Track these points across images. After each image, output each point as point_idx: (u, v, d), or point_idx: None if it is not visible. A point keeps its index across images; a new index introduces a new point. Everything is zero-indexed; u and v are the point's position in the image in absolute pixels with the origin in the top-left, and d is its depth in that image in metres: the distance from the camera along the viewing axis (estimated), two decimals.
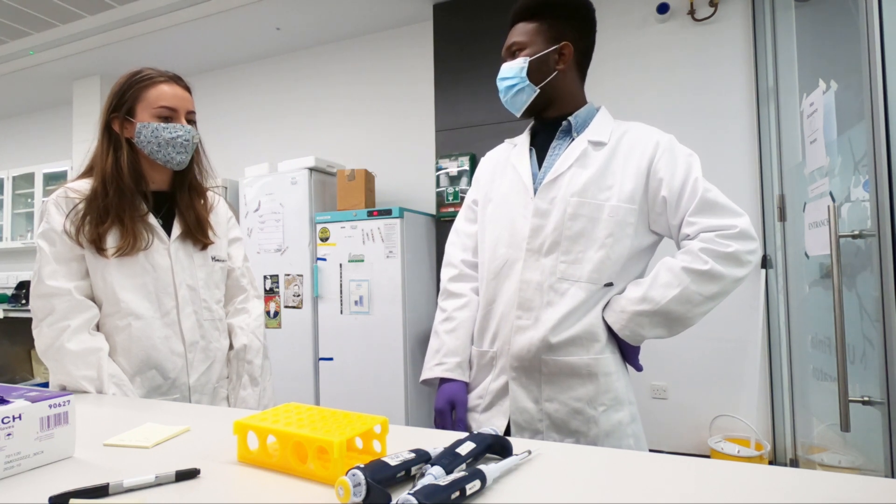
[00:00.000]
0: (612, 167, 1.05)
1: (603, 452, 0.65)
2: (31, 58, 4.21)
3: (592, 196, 1.04)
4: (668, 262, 1.01)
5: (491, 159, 1.26)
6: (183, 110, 1.18)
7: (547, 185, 1.07)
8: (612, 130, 1.10)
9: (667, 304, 0.98)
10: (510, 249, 1.09)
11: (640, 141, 1.07)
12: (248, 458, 0.62)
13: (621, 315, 1.02)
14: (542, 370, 1.04)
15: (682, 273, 0.98)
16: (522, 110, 1.13)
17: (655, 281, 1.01)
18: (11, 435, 0.58)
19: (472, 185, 1.29)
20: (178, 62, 4.26)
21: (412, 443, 0.61)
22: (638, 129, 1.10)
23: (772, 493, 0.51)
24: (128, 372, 1.12)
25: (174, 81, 1.21)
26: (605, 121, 1.12)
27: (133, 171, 1.15)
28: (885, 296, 1.22)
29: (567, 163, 1.07)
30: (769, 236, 2.69)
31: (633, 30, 3.01)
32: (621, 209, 1.03)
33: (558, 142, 1.13)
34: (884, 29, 1.24)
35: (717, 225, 0.99)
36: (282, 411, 0.66)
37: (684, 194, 1.02)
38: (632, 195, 1.04)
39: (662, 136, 1.08)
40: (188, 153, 1.18)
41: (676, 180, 1.03)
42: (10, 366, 4.43)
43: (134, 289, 1.14)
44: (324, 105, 3.96)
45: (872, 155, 1.25)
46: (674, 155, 1.05)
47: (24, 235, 5.03)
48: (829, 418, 1.96)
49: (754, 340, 2.68)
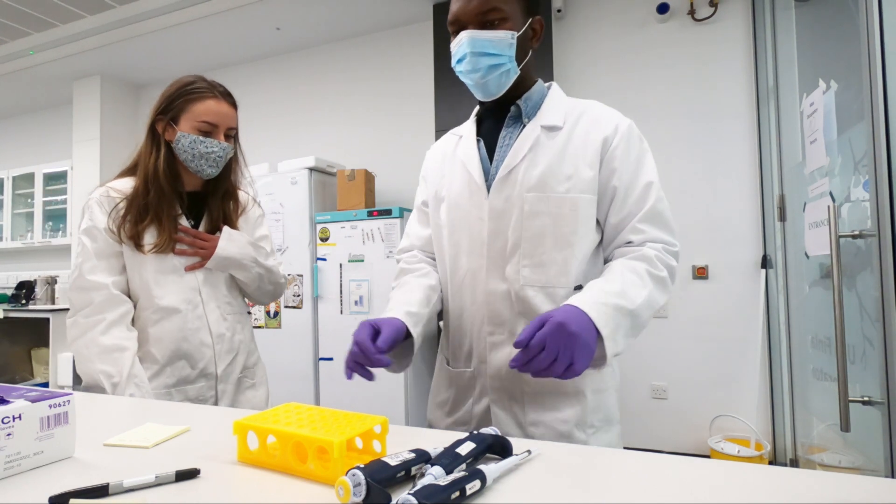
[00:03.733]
0: (570, 153, 0.94)
1: (603, 452, 0.65)
2: (31, 58, 4.21)
3: (551, 189, 0.92)
4: (628, 263, 0.90)
5: (437, 153, 1.12)
6: (223, 127, 1.23)
7: (500, 182, 0.95)
8: (567, 112, 0.97)
9: (640, 307, 0.85)
10: (471, 258, 0.97)
11: (598, 122, 0.96)
12: (248, 459, 0.62)
13: (602, 308, 0.81)
14: (524, 389, 0.93)
15: (647, 276, 0.88)
16: (499, 95, 0.97)
17: (626, 279, 0.87)
18: (11, 435, 0.58)
19: (420, 183, 1.15)
20: (179, 62, 4.26)
21: (412, 443, 0.61)
22: (595, 109, 0.99)
23: (772, 493, 0.51)
24: (159, 362, 1.20)
25: (222, 98, 1.24)
26: (558, 101, 0.99)
27: (170, 173, 1.22)
28: (885, 296, 1.22)
29: (520, 154, 0.94)
30: (769, 236, 2.69)
31: (633, 29, 3.01)
32: (583, 200, 0.93)
33: (508, 130, 0.99)
34: (884, 29, 1.24)
35: (665, 239, 0.93)
36: (282, 411, 0.66)
37: (634, 193, 0.93)
38: (591, 184, 0.93)
39: (622, 121, 0.97)
40: (218, 167, 1.24)
41: (628, 174, 0.94)
42: (10, 366, 4.43)
43: (167, 284, 1.21)
44: (324, 105, 3.96)
45: (872, 155, 1.25)
46: (630, 145, 0.95)
47: (24, 235, 5.03)
48: (829, 418, 1.96)
49: (754, 340, 2.68)
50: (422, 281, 1.05)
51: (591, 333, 0.78)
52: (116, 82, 4.59)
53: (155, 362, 1.19)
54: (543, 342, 0.75)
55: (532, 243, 0.93)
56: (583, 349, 0.76)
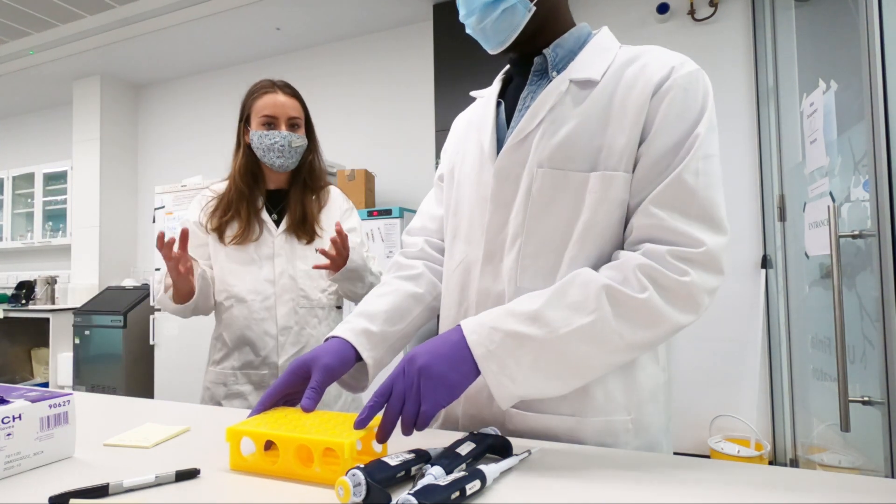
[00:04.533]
0: (605, 115, 0.69)
1: (603, 452, 0.65)
2: (31, 58, 4.21)
3: (571, 163, 0.69)
4: (586, 274, 0.65)
5: (462, 121, 0.93)
6: (283, 117, 1.30)
7: (509, 153, 0.74)
8: (611, 62, 0.73)
9: (567, 337, 0.61)
10: (469, 247, 0.79)
11: (647, 69, 0.69)
12: (241, 466, 0.59)
13: (490, 334, 0.63)
14: (506, 428, 0.73)
15: (602, 294, 0.62)
16: (509, 43, 0.75)
17: (560, 296, 0.64)
18: (11, 435, 0.58)
19: (441, 157, 0.96)
20: (179, 62, 4.26)
21: (412, 443, 0.61)
22: (650, 55, 0.72)
23: (772, 493, 0.51)
24: (227, 346, 1.32)
25: (279, 90, 1.32)
26: (600, 49, 0.75)
27: (247, 172, 1.33)
28: (885, 296, 1.22)
29: (537, 116, 0.72)
30: (769, 236, 2.69)
31: (633, 30, 3.01)
32: (613, 180, 0.68)
33: (531, 87, 0.78)
34: (884, 29, 1.23)
35: (686, 233, 0.63)
36: (272, 416, 0.65)
37: (667, 161, 0.66)
38: (626, 155, 0.68)
39: (683, 65, 0.69)
40: (287, 157, 1.31)
41: (668, 138, 0.66)
42: (10, 366, 4.44)
43: (240, 274, 1.32)
44: (324, 105, 3.96)
45: (872, 155, 1.25)
46: (686, 97, 0.67)
47: (24, 235, 5.03)
48: (829, 418, 1.96)
49: (754, 340, 2.68)
50: (404, 286, 0.88)
51: (460, 364, 0.62)
52: (116, 82, 4.59)
53: (224, 345, 1.32)
54: (391, 384, 0.61)
55: (537, 236, 0.71)
56: (434, 386, 0.60)
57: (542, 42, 0.77)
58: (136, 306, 3.73)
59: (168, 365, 3.50)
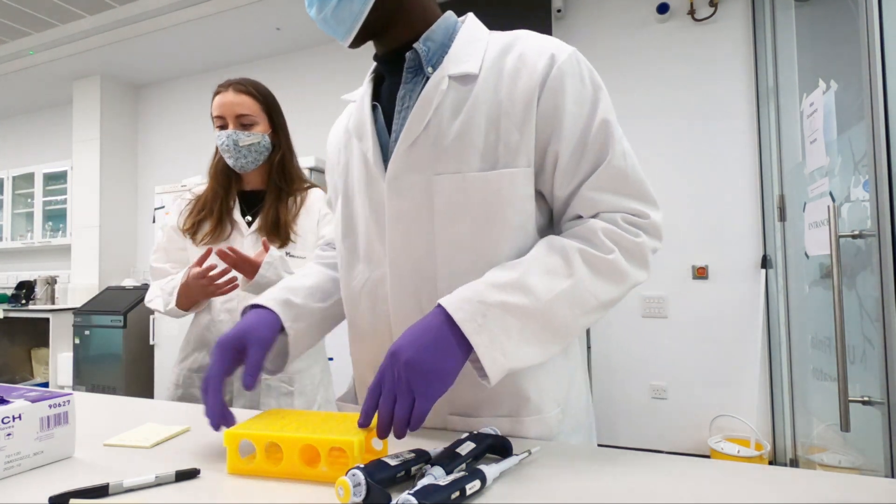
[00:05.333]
0: (494, 112, 0.68)
1: (603, 452, 0.65)
2: (31, 58, 4.22)
3: (465, 165, 0.67)
4: (554, 242, 0.66)
5: (338, 130, 0.86)
6: (230, 116, 1.27)
7: (398, 162, 0.70)
8: (485, 51, 0.71)
9: (552, 303, 0.62)
10: (370, 266, 0.75)
11: (526, 59, 0.68)
12: (240, 470, 0.59)
13: (477, 308, 0.60)
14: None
15: (578, 259, 0.64)
16: (355, 31, 0.70)
17: (537, 263, 0.64)
18: (11, 435, 0.58)
19: (327, 177, 0.89)
20: (179, 62, 4.26)
21: (412, 443, 0.61)
22: (523, 42, 0.71)
23: (772, 493, 0.51)
24: (188, 347, 1.32)
25: (230, 87, 1.29)
26: (471, 39, 0.73)
27: (220, 173, 1.34)
28: (885, 296, 1.22)
29: (422, 119, 0.69)
30: (769, 236, 2.69)
31: (633, 29, 3.01)
32: (515, 176, 0.67)
33: (407, 87, 0.73)
34: (884, 29, 1.24)
35: (629, 207, 0.67)
36: (270, 417, 0.64)
37: (585, 152, 0.67)
38: (524, 150, 0.67)
39: (560, 51, 0.68)
40: (237, 157, 1.28)
41: (575, 128, 0.67)
42: (10, 366, 4.44)
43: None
44: (324, 105, 3.96)
45: (872, 155, 1.25)
46: (577, 84, 0.68)
47: (25, 235, 5.03)
48: (829, 418, 1.96)
49: (754, 340, 2.68)
50: (326, 271, 0.87)
51: (447, 348, 0.59)
52: (116, 82, 4.59)
53: (187, 345, 1.32)
54: (379, 382, 0.58)
55: (450, 246, 0.69)
56: (425, 378, 0.57)
57: (408, 34, 0.73)
58: (136, 306, 3.73)
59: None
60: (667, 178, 2.90)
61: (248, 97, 1.28)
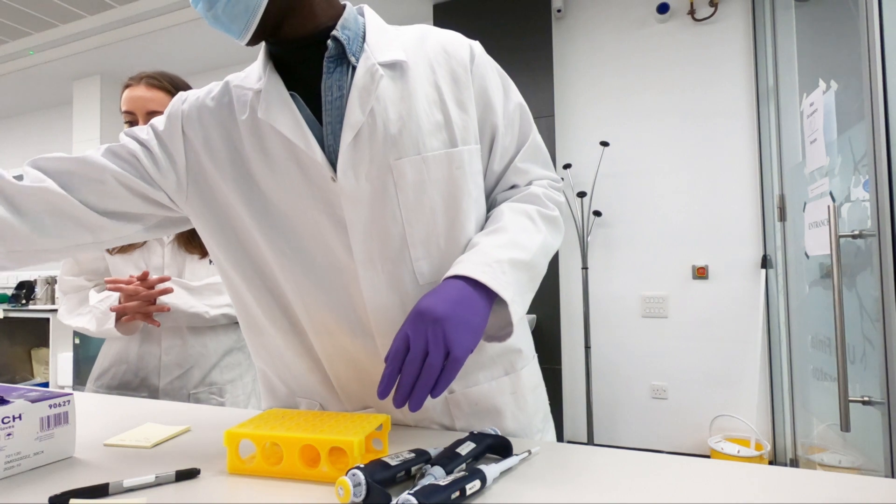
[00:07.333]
0: (436, 95, 0.71)
1: (603, 452, 0.65)
2: (31, 58, 4.21)
3: (424, 147, 0.69)
4: (517, 206, 0.74)
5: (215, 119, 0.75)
6: (141, 112, 1.13)
7: (349, 153, 0.67)
8: (403, 40, 0.74)
9: (536, 255, 0.70)
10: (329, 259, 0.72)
11: (447, 48, 0.74)
12: (240, 470, 0.59)
13: (497, 267, 0.64)
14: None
15: (539, 218, 0.74)
16: (253, 28, 0.66)
17: (515, 224, 0.71)
18: (11, 435, 0.58)
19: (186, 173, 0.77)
20: (178, 62, 4.26)
21: (412, 443, 0.61)
22: (437, 33, 0.77)
23: (772, 493, 0.51)
24: (106, 363, 1.22)
25: (139, 81, 1.15)
26: (380, 29, 0.75)
27: None
28: (885, 296, 1.22)
29: (364, 107, 0.68)
30: (769, 236, 2.69)
31: (633, 30, 3.01)
32: (467, 153, 0.72)
33: (331, 77, 0.70)
34: (884, 29, 1.24)
35: (548, 175, 0.81)
36: (271, 417, 0.64)
37: (512, 128, 0.77)
38: (470, 130, 0.73)
39: (473, 42, 0.78)
40: None
41: (502, 107, 0.76)
42: (10, 366, 4.44)
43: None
44: None
45: (872, 155, 1.25)
46: (493, 69, 0.78)
47: None
48: (829, 418, 1.96)
49: (754, 340, 2.68)
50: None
51: (475, 306, 0.61)
52: (116, 82, 4.59)
53: (105, 360, 1.22)
54: (406, 342, 0.59)
55: (424, 229, 0.70)
56: (459, 330, 0.58)
57: (314, 24, 0.70)
58: None
59: None
60: (667, 178, 2.90)
61: (162, 92, 1.14)
